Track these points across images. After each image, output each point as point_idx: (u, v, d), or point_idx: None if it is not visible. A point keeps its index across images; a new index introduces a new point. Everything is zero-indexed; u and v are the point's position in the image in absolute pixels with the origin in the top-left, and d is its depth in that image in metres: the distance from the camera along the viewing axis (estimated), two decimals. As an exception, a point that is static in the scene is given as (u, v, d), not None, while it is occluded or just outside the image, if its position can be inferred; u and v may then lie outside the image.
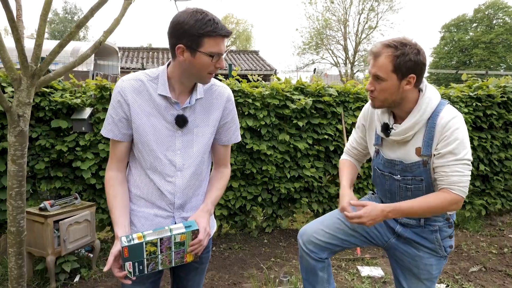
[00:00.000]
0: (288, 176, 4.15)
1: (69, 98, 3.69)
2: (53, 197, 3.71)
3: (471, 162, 1.62)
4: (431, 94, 1.66)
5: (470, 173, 1.61)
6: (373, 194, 2.03)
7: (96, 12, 1.70)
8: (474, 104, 4.64)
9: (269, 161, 4.11)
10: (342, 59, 29.01)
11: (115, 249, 1.39)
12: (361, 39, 28.50)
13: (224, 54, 1.43)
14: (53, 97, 3.66)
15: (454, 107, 4.52)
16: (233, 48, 33.36)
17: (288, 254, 3.91)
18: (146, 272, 1.42)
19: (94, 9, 1.67)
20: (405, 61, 1.54)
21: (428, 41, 67.01)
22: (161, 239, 1.38)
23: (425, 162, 1.66)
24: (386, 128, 1.73)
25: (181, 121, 1.50)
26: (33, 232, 3.13)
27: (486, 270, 3.63)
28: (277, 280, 2.95)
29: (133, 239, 1.36)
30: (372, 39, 28.34)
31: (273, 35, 74.09)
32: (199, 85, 1.54)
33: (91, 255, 3.51)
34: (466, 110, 4.59)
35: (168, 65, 1.51)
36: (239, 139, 1.74)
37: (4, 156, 3.43)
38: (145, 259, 1.38)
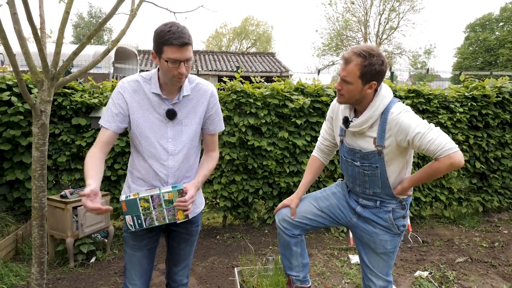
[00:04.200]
0: (288, 171, 4.45)
1: (88, 98, 4.10)
2: (73, 187, 4.12)
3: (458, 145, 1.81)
4: (385, 93, 1.94)
5: (440, 131, 1.81)
6: (342, 180, 2.32)
7: (104, 25, 2.05)
8: (469, 103, 4.83)
9: (270, 156, 4.42)
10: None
11: (86, 190, 1.55)
12: (382, 40, 28.39)
13: (191, 61, 1.74)
14: (74, 97, 4.09)
15: (449, 106, 4.75)
16: (253, 50, 33.74)
17: (286, 243, 4.20)
18: (144, 226, 1.75)
19: (102, 23, 2.02)
20: (371, 70, 1.82)
21: (451, 41, 65.79)
22: (151, 196, 1.72)
23: (380, 152, 1.93)
24: (346, 121, 2.02)
25: (171, 114, 1.84)
26: (54, 217, 3.54)
27: (472, 261, 3.83)
28: (264, 259, 3.26)
29: (129, 196, 1.72)
30: (393, 40, 28.20)
31: (293, 36, 74.21)
32: (185, 84, 1.88)
33: (106, 240, 3.90)
34: (461, 109, 4.78)
35: (158, 69, 1.86)
36: (223, 128, 2.07)
37: (31, 150, 3.87)
38: (141, 214, 1.72)
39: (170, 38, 1.63)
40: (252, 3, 66.26)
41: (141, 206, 1.72)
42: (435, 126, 1.84)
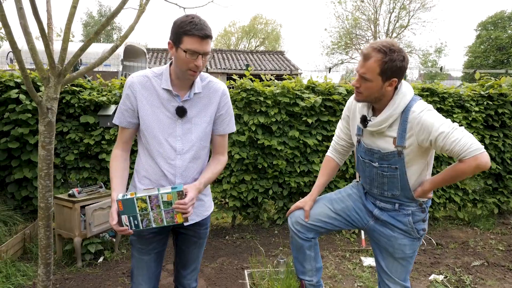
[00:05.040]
0: (298, 170, 4.36)
1: (96, 96, 4.06)
2: (81, 185, 4.08)
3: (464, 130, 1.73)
4: (405, 90, 1.85)
5: (465, 131, 1.72)
6: (357, 182, 2.23)
7: (111, 20, 1.99)
8: (485, 102, 4.69)
9: (280, 156, 4.34)
10: (371, 59, 28.60)
11: (113, 208, 1.66)
12: (392, 39, 28.08)
13: (209, 56, 1.68)
14: (82, 95, 4.04)
15: (464, 105, 4.63)
16: (262, 48, 33.65)
17: (296, 244, 4.12)
18: (141, 227, 1.67)
19: (110, 18, 1.95)
20: (391, 67, 1.72)
21: (462, 40, 64.99)
22: (149, 196, 1.64)
23: (400, 152, 1.84)
24: (364, 120, 1.93)
25: (180, 112, 1.77)
26: (62, 216, 3.50)
27: (489, 265, 3.72)
28: (275, 262, 3.18)
29: (126, 195, 1.64)
30: (403, 38, 27.89)
31: (302, 35, 73.93)
32: (197, 81, 1.80)
33: (114, 240, 3.85)
34: (476, 108, 4.65)
35: (170, 64, 1.79)
36: (234, 129, 1.99)
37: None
38: (138, 214, 1.64)
39: (192, 29, 1.58)
40: (261, 2, 66.16)
41: (138, 206, 1.64)
42: (459, 125, 1.75)
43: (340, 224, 2.14)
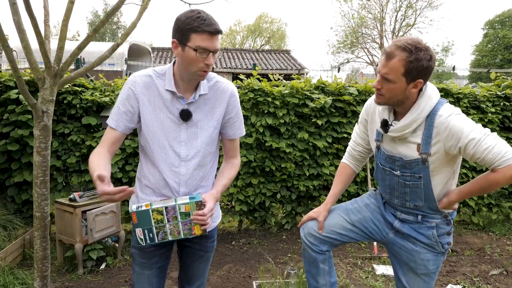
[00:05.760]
0: (307, 174, 4.21)
1: (99, 97, 3.93)
2: (83, 189, 3.95)
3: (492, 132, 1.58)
4: (431, 92, 1.69)
5: (498, 137, 1.57)
6: (375, 190, 2.07)
7: (111, 17, 1.85)
8: (502, 103, 4.52)
9: (288, 158, 4.18)
10: (378, 57, 28.41)
11: (95, 176, 1.38)
12: (398, 37, 27.80)
13: (218, 53, 1.53)
14: (84, 95, 3.91)
15: (480, 106, 4.45)
16: (267, 47, 33.48)
17: (305, 250, 3.97)
18: (156, 241, 1.53)
19: (110, 14, 1.82)
20: (417, 67, 1.56)
21: (469, 38, 64.37)
22: (166, 207, 1.50)
23: (424, 160, 1.68)
24: (385, 124, 1.77)
25: (185, 115, 1.62)
26: (63, 221, 3.37)
27: (508, 274, 3.54)
28: (285, 273, 3.03)
29: (141, 207, 1.50)
30: (395, 39, 27.52)
31: (308, 34, 73.63)
32: (203, 82, 1.65)
33: (117, 245, 3.72)
34: (493, 109, 4.47)
35: (174, 63, 1.64)
36: (244, 133, 1.84)
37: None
38: (153, 227, 1.51)
39: (201, 25, 1.43)
40: (267, 0, 65.94)
41: (153, 218, 1.50)
42: (491, 131, 1.59)
43: (356, 237, 1.98)
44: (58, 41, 1.82)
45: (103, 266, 3.49)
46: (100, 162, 1.51)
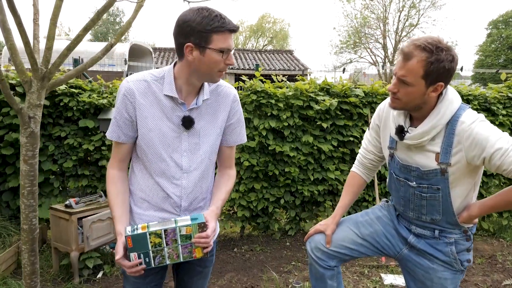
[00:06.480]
0: (312, 178, 4.06)
1: (96, 99, 3.79)
2: (80, 194, 3.83)
3: None
4: (452, 97, 1.54)
5: None
6: (386, 201, 1.93)
7: (102, 15, 1.72)
8: (513, 105, 4.36)
9: (292, 163, 4.04)
10: (381, 58, 28.27)
11: (120, 242, 1.40)
12: (401, 37, 27.62)
13: (233, 51, 1.40)
14: (81, 97, 3.78)
15: (491, 108, 4.30)
16: (270, 47, 33.35)
17: (309, 258, 3.83)
18: (153, 265, 1.40)
19: (101, 12, 1.68)
20: (438, 69, 1.42)
21: (472, 39, 63.96)
22: (165, 230, 1.36)
23: (444, 170, 1.54)
24: (400, 131, 1.63)
25: (187, 123, 1.48)
26: (58, 228, 3.24)
27: (522, 284, 3.39)
28: (290, 287, 2.89)
29: (137, 229, 1.36)
30: (413, 37, 27.36)
31: (310, 34, 73.42)
32: (206, 86, 1.52)
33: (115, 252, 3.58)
34: (504, 112, 4.32)
35: (174, 65, 1.49)
36: (245, 140, 1.71)
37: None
38: (150, 251, 1.37)
39: (222, 24, 1.32)
40: (269, 1, 65.77)
41: (151, 242, 1.36)
42: None
43: (367, 251, 1.84)
44: (46, 40, 1.69)
45: (100, 275, 3.36)
46: (117, 200, 1.50)
